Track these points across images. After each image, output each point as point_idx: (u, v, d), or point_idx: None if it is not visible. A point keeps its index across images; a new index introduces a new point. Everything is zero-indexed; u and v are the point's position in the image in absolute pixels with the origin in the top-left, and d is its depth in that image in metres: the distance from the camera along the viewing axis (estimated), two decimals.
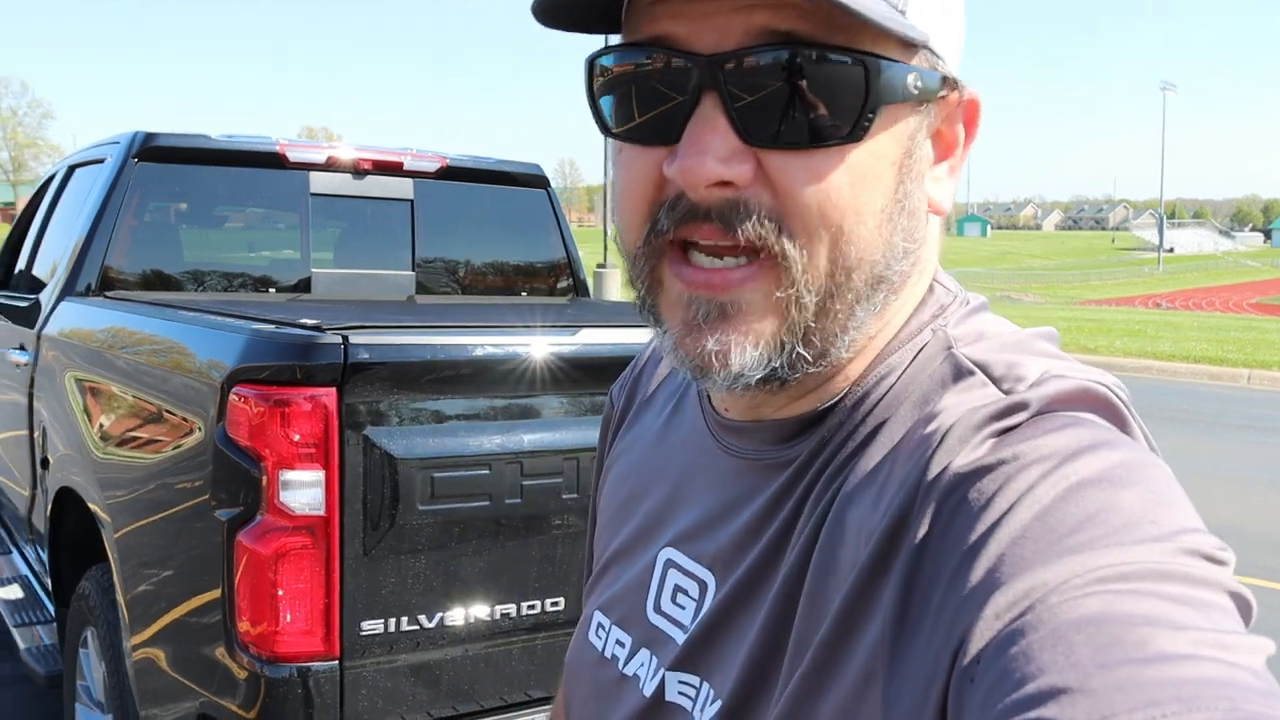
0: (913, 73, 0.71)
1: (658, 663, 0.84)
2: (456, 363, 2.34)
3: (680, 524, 0.87)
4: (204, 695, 2.44)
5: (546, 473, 2.45)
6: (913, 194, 0.74)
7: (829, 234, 0.70)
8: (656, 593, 0.87)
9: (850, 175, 0.70)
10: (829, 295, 0.71)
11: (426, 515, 2.31)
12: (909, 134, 0.73)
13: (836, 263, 0.71)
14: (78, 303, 3.78)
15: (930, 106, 0.74)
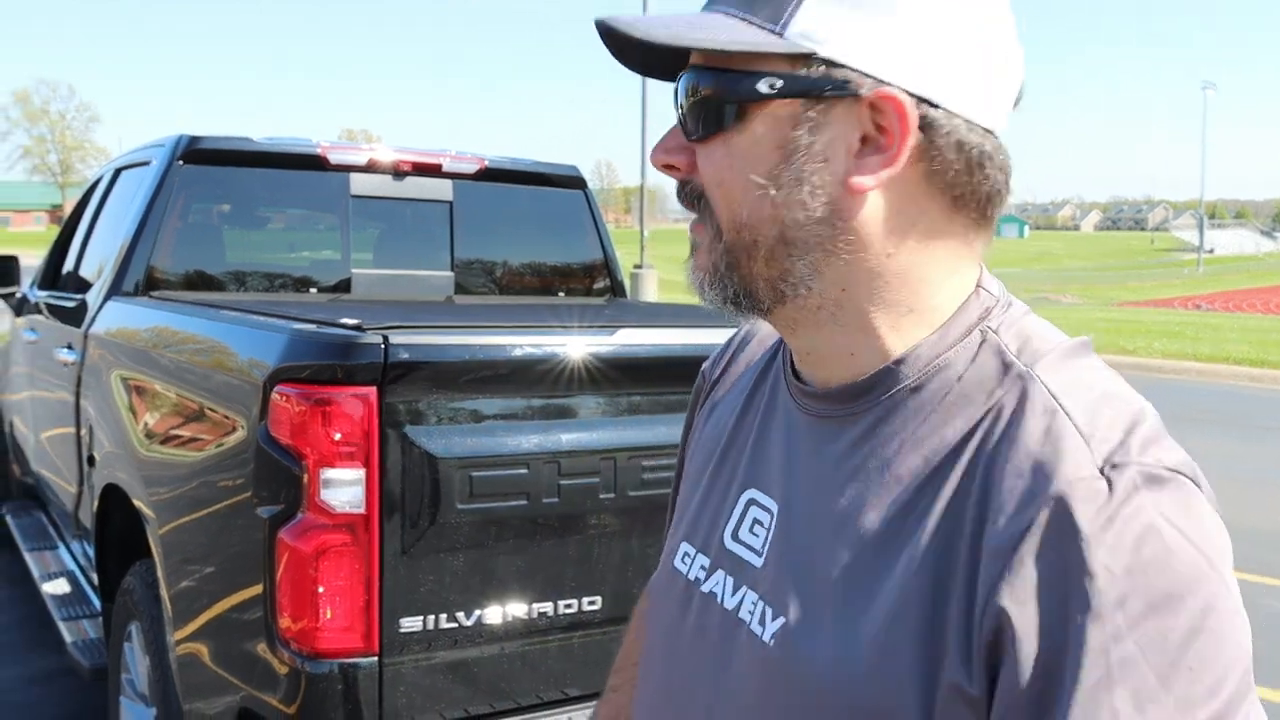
0: (766, 79, 0.89)
1: (733, 583, 1.02)
2: (495, 362, 2.36)
3: (758, 468, 1.06)
4: (245, 690, 2.48)
5: (584, 472, 2.46)
6: (807, 171, 0.90)
7: (722, 197, 0.93)
8: (736, 524, 1.05)
9: (730, 155, 0.92)
10: (739, 246, 0.93)
11: (465, 514, 2.33)
12: (787, 123, 0.90)
13: (733, 219, 0.93)
14: (123, 302, 3.84)
15: (827, 103, 0.89)
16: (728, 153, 0.92)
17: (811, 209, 0.90)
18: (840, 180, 0.90)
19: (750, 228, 0.92)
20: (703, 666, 1.03)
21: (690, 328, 2.80)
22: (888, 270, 0.93)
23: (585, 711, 2.54)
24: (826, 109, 0.89)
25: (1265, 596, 6.30)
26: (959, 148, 0.89)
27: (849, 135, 0.89)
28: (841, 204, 0.90)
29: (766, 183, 0.91)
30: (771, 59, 0.90)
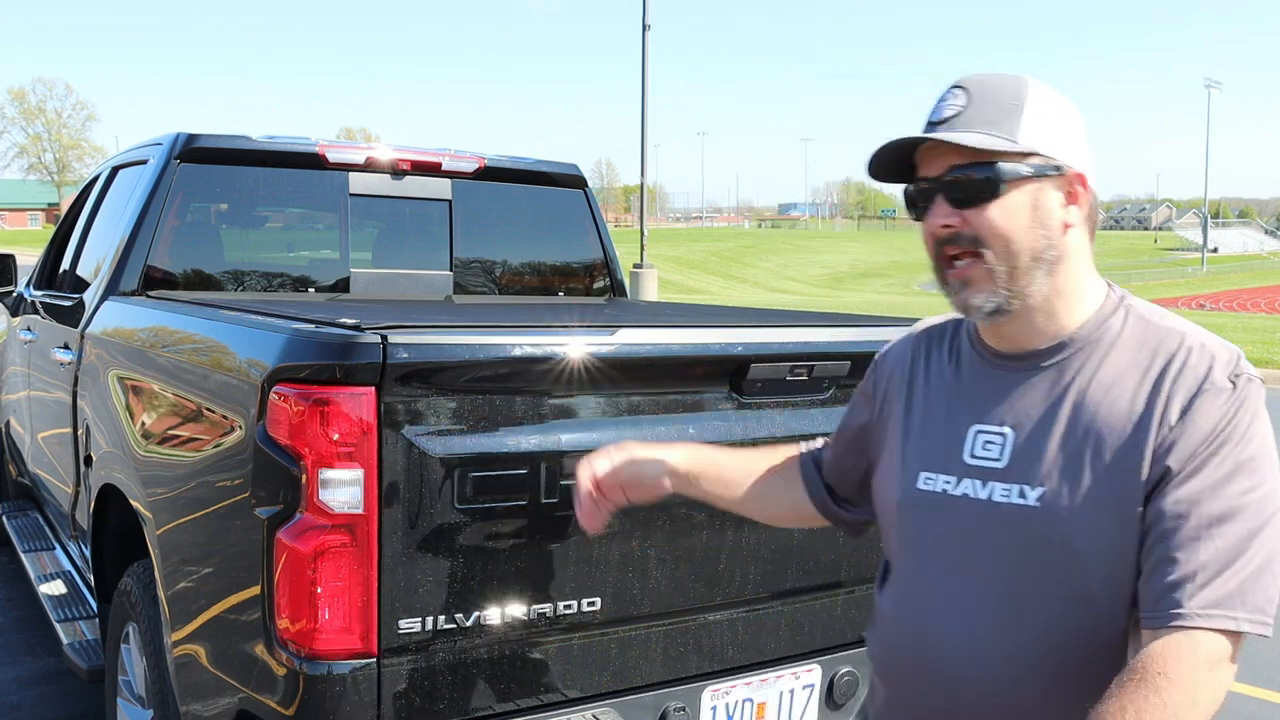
0: (1024, 165, 1.56)
1: (980, 482, 1.61)
2: (494, 362, 2.35)
3: (978, 412, 1.65)
4: (243, 691, 2.46)
5: None
6: (1045, 220, 1.57)
7: (997, 240, 1.56)
8: (969, 448, 1.64)
9: (1000, 214, 1.56)
10: (1011, 269, 1.56)
11: (464, 514, 2.31)
12: (1033, 192, 1.57)
13: (1006, 252, 1.56)
14: (121, 302, 3.82)
15: (1049, 179, 1.57)
16: (1002, 212, 1.56)
17: (1052, 240, 1.57)
18: (1060, 223, 1.58)
19: (1017, 255, 1.56)
20: (971, 539, 1.61)
21: (688, 327, 2.78)
22: (1071, 276, 1.60)
23: (585, 712, 2.53)
24: (1049, 182, 1.57)
25: None
26: (1092, 200, 1.61)
27: (1061, 196, 1.58)
28: (1060, 237, 1.58)
29: (1026, 228, 1.56)
30: (1019, 156, 1.56)
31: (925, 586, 1.67)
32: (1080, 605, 1.52)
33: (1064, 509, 1.52)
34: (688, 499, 2.10)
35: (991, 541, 1.58)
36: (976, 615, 1.59)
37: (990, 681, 1.57)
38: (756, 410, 2.69)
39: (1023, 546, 1.55)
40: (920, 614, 1.67)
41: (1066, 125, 1.59)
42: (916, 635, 1.67)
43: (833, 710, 2.93)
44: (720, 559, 2.67)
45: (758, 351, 2.67)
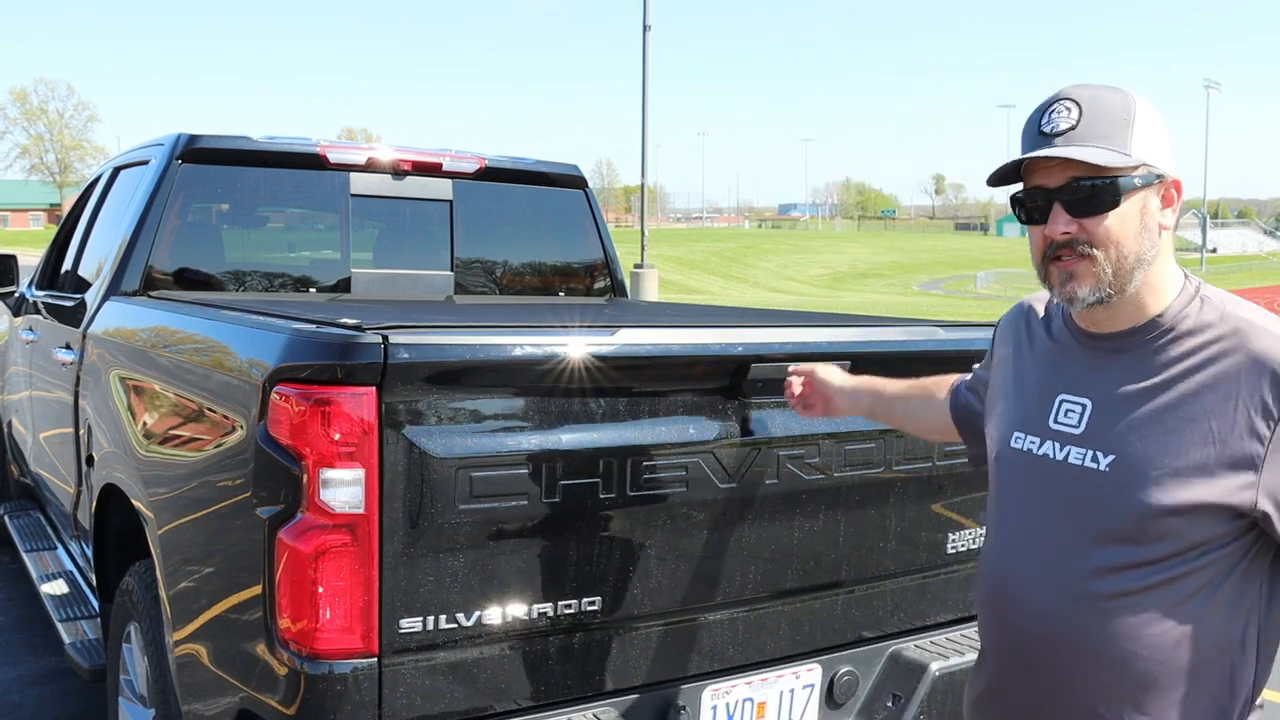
0: (1136, 177, 1.75)
1: (1059, 445, 1.85)
2: (495, 362, 2.35)
3: (1065, 382, 1.89)
4: (245, 691, 2.47)
5: (584, 472, 2.45)
6: (1149, 225, 1.77)
7: (1112, 244, 1.76)
8: (1054, 414, 1.88)
9: (1115, 222, 1.75)
10: (1117, 269, 1.76)
11: (465, 514, 2.32)
12: (1141, 200, 1.77)
13: (1117, 254, 1.76)
14: (122, 302, 3.83)
15: (1152, 187, 1.77)
16: (1117, 221, 1.76)
17: (1152, 241, 1.79)
18: (1158, 224, 1.79)
19: (1125, 257, 1.77)
20: (1049, 493, 1.85)
21: (689, 328, 2.79)
22: (1160, 269, 1.81)
23: (586, 711, 2.53)
24: (1153, 190, 1.78)
25: None
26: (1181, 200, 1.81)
27: (1160, 201, 1.79)
28: (1158, 237, 1.80)
29: (1135, 234, 1.77)
30: (1133, 168, 1.75)
31: (1007, 535, 1.93)
32: (1135, 558, 1.74)
33: (1133, 477, 1.74)
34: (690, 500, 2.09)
35: (1064, 497, 1.83)
36: (1044, 560, 1.84)
37: (1053, 618, 1.82)
38: (757, 410, 2.70)
39: (1092, 505, 1.78)
40: (1002, 558, 1.93)
41: (1163, 134, 1.80)
42: (997, 576, 1.94)
43: (833, 710, 2.93)
44: (721, 559, 2.68)
45: (758, 351, 2.67)
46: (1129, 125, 1.75)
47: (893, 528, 2.98)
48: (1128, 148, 1.73)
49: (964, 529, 3.12)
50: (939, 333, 3.09)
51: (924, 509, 3.03)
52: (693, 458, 2.59)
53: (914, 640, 3.08)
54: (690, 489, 2.59)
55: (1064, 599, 1.81)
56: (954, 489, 3.08)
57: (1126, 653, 1.76)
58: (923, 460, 2.98)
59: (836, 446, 2.81)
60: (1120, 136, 1.74)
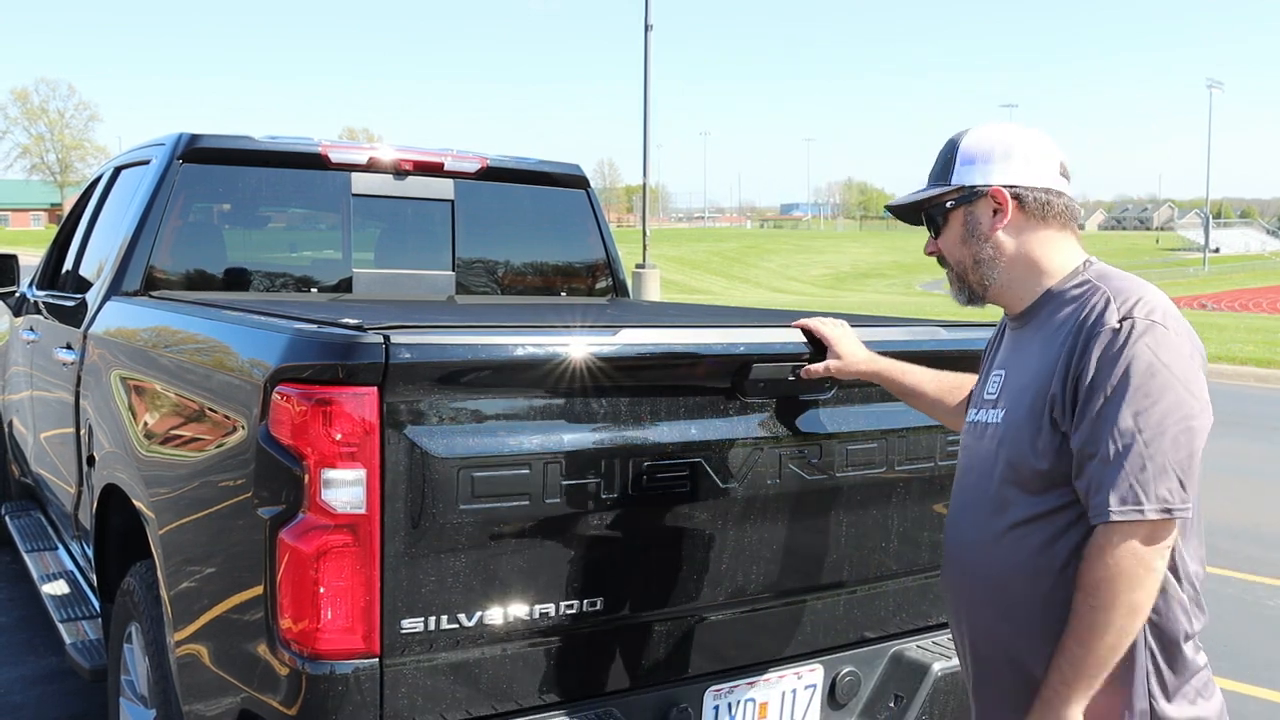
0: (950, 200, 2.25)
1: (984, 411, 2.24)
2: (497, 363, 2.34)
3: (998, 359, 2.28)
4: (246, 691, 2.46)
5: (586, 473, 2.44)
6: (977, 231, 2.22)
7: (952, 256, 2.29)
8: (986, 386, 2.28)
9: (946, 237, 2.28)
10: (961, 272, 2.27)
11: (466, 514, 2.31)
12: (961, 216, 2.24)
13: (957, 263, 2.27)
14: (123, 302, 3.83)
15: (973, 203, 2.22)
16: (948, 236, 2.26)
17: (984, 247, 2.21)
18: (990, 229, 2.20)
19: (962, 262, 2.25)
20: (973, 453, 2.25)
21: (691, 328, 2.78)
22: (1024, 260, 2.19)
23: (588, 712, 2.53)
24: (976, 205, 2.21)
25: (1274, 598, 6.28)
26: (1034, 199, 2.17)
27: (987, 212, 2.20)
28: (994, 240, 2.20)
29: (964, 243, 2.23)
30: (950, 194, 2.23)
31: (955, 489, 2.33)
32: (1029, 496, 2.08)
33: (1010, 424, 2.12)
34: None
35: (981, 452, 2.21)
36: (970, 506, 2.23)
37: (967, 550, 2.22)
38: (759, 410, 2.69)
39: (991, 454, 2.16)
40: (950, 511, 2.34)
41: (994, 150, 2.20)
42: (948, 528, 2.34)
43: (834, 710, 2.93)
44: (723, 559, 2.67)
45: (760, 351, 2.67)
46: (951, 160, 2.24)
47: (895, 528, 2.97)
48: (948, 178, 2.23)
49: None
50: (941, 332, 3.09)
51: (926, 509, 3.03)
52: (695, 457, 2.58)
53: (916, 641, 3.07)
54: (692, 489, 2.59)
55: (977, 538, 2.19)
56: None
57: (1018, 580, 2.09)
58: (925, 460, 2.98)
59: (839, 446, 2.81)
60: (944, 171, 2.24)
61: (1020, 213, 2.17)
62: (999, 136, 2.21)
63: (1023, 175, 2.17)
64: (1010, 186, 2.16)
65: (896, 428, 2.93)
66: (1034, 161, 2.19)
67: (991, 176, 2.18)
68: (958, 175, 2.21)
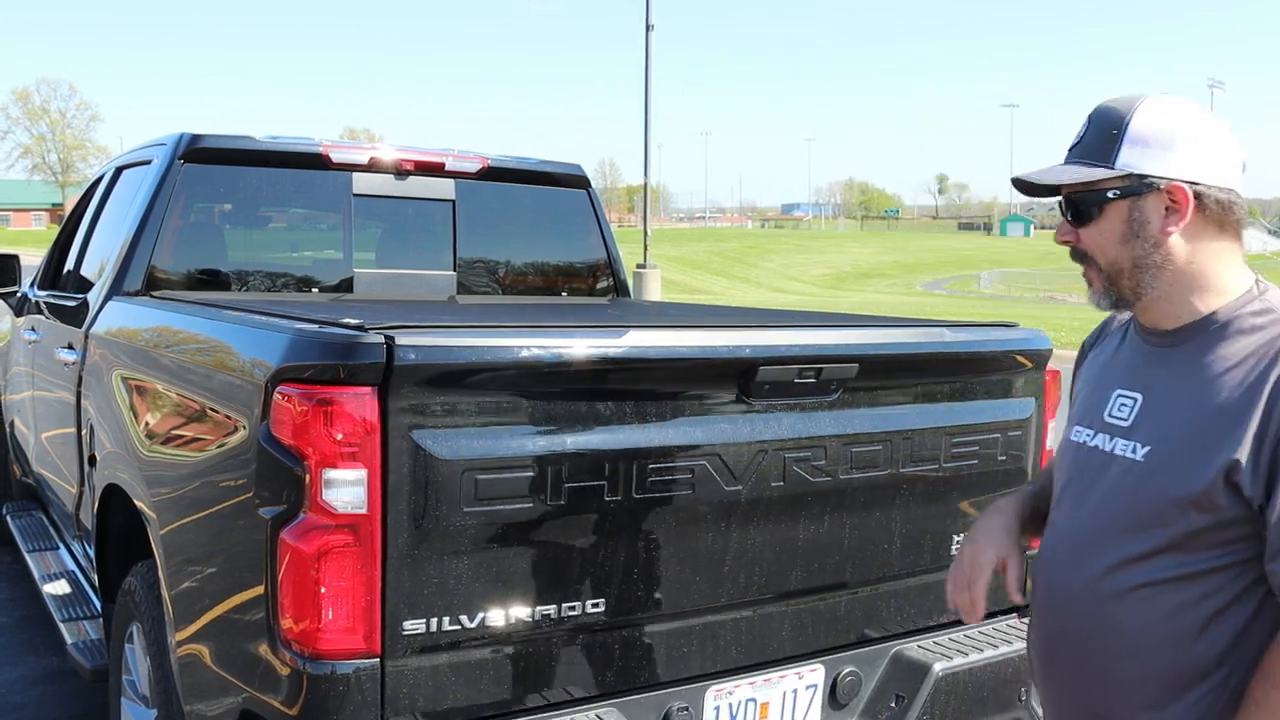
0: (1114, 189, 1.80)
1: (1109, 438, 1.90)
2: (499, 363, 2.34)
3: (1124, 378, 1.93)
4: (247, 691, 2.46)
5: (589, 475, 2.44)
6: (1140, 233, 1.80)
7: (1099, 254, 1.85)
8: (1109, 408, 1.92)
9: (1097, 232, 1.84)
10: (1111, 276, 1.85)
11: (468, 515, 2.31)
12: (1125, 210, 1.81)
13: (1106, 263, 1.85)
14: (124, 302, 3.83)
15: (1142, 197, 1.80)
16: (1099, 231, 1.84)
17: (1152, 252, 1.81)
18: (1161, 232, 1.80)
19: (1114, 264, 1.84)
20: (1091, 483, 1.90)
21: (697, 329, 2.77)
22: (1193, 273, 1.82)
23: (589, 712, 2.53)
24: (1143, 199, 1.80)
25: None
26: (1216, 201, 1.79)
27: (1158, 209, 1.79)
28: (1166, 246, 1.80)
29: (1125, 243, 1.82)
30: (1111, 180, 1.81)
31: (1058, 521, 1.99)
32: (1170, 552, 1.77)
33: (1163, 467, 1.78)
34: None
35: (1106, 488, 1.87)
36: (1082, 549, 1.89)
37: (1074, 605, 1.89)
38: (764, 413, 2.69)
39: (1125, 496, 1.83)
40: (1049, 543, 2.00)
41: (1177, 142, 1.79)
42: (1042, 559, 2.01)
43: (836, 710, 2.93)
44: (725, 560, 2.67)
45: (766, 354, 2.66)
46: (1116, 136, 1.81)
47: (898, 529, 2.97)
48: (1110, 159, 1.80)
49: None
50: (946, 334, 3.08)
51: (929, 510, 3.03)
52: (699, 460, 2.58)
53: (917, 641, 3.07)
54: (696, 491, 2.58)
55: (1088, 588, 1.86)
56: (960, 491, 3.07)
57: (1139, 646, 1.80)
58: (930, 462, 2.98)
59: (843, 449, 2.81)
60: (1104, 150, 1.81)
61: (1199, 215, 1.78)
62: (1182, 116, 1.81)
63: (1207, 170, 1.78)
64: (1193, 183, 1.77)
65: (902, 429, 2.92)
66: (1219, 153, 1.80)
67: (1171, 167, 1.77)
68: (1124, 158, 1.79)
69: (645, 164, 26.33)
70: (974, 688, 2.99)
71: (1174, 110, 1.81)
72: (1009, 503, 2.18)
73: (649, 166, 26.44)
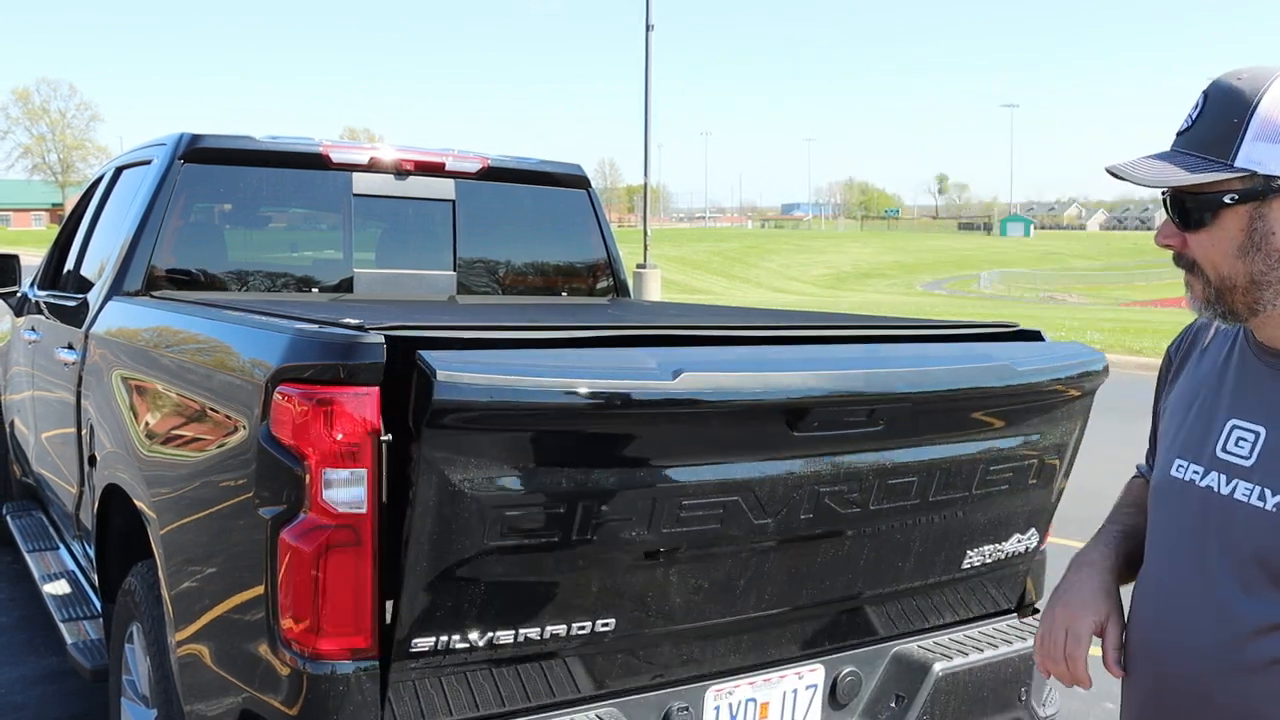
0: (1231, 193, 1.48)
1: (1226, 477, 1.58)
2: (542, 405, 2.22)
3: (1238, 406, 1.61)
4: (247, 691, 2.46)
5: (617, 511, 2.35)
6: (1261, 244, 1.49)
7: (1209, 264, 1.55)
8: (1222, 441, 1.60)
9: (1208, 240, 1.53)
10: (1220, 289, 1.55)
11: (488, 544, 2.28)
12: (1245, 217, 1.49)
13: (1217, 275, 1.55)
14: (124, 302, 3.83)
15: (1271, 203, 1.47)
16: (1211, 238, 1.53)
17: (1271, 265, 1.50)
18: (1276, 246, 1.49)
19: (1226, 279, 1.54)
20: (1206, 532, 1.59)
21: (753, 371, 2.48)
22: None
23: (589, 712, 2.52)
24: (1270, 204, 1.47)
25: None
26: None
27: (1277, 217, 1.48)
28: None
29: (1242, 255, 1.51)
30: (1230, 182, 1.48)
31: (1162, 575, 1.68)
32: None
33: None
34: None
35: (1226, 539, 1.56)
36: (1199, 611, 1.59)
37: (1198, 678, 1.58)
38: (802, 445, 2.56)
39: (1254, 550, 1.52)
40: (1151, 600, 1.70)
41: None
42: (1143, 620, 1.70)
43: (836, 710, 2.92)
44: (741, 584, 2.60)
45: (825, 392, 2.51)
46: (1240, 128, 1.47)
47: (915, 548, 2.90)
48: (1229, 154, 1.47)
49: (983, 545, 3.06)
50: (1015, 366, 2.83)
51: (949, 528, 2.94)
52: (732, 496, 2.48)
53: (917, 641, 3.06)
54: (724, 526, 2.49)
55: (1217, 661, 1.56)
56: (984, 510, 2.99)
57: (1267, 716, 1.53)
58: (961, 490, 2.85)
59: (878, 481, 2.69)
60: (1224, 143, 1.47)
61: None
62: None
63: None
64: None
65: (940, 459, 2.79)
66: None
67: None
68: (1247, 153, 1.46)
69: (645, 164, 26.33)
70: (974, 688, 2.99)
71: None
72: (1100, 555, 1.85)
73: (649, 166, 26.45)
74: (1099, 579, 1.79)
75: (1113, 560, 1.83)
